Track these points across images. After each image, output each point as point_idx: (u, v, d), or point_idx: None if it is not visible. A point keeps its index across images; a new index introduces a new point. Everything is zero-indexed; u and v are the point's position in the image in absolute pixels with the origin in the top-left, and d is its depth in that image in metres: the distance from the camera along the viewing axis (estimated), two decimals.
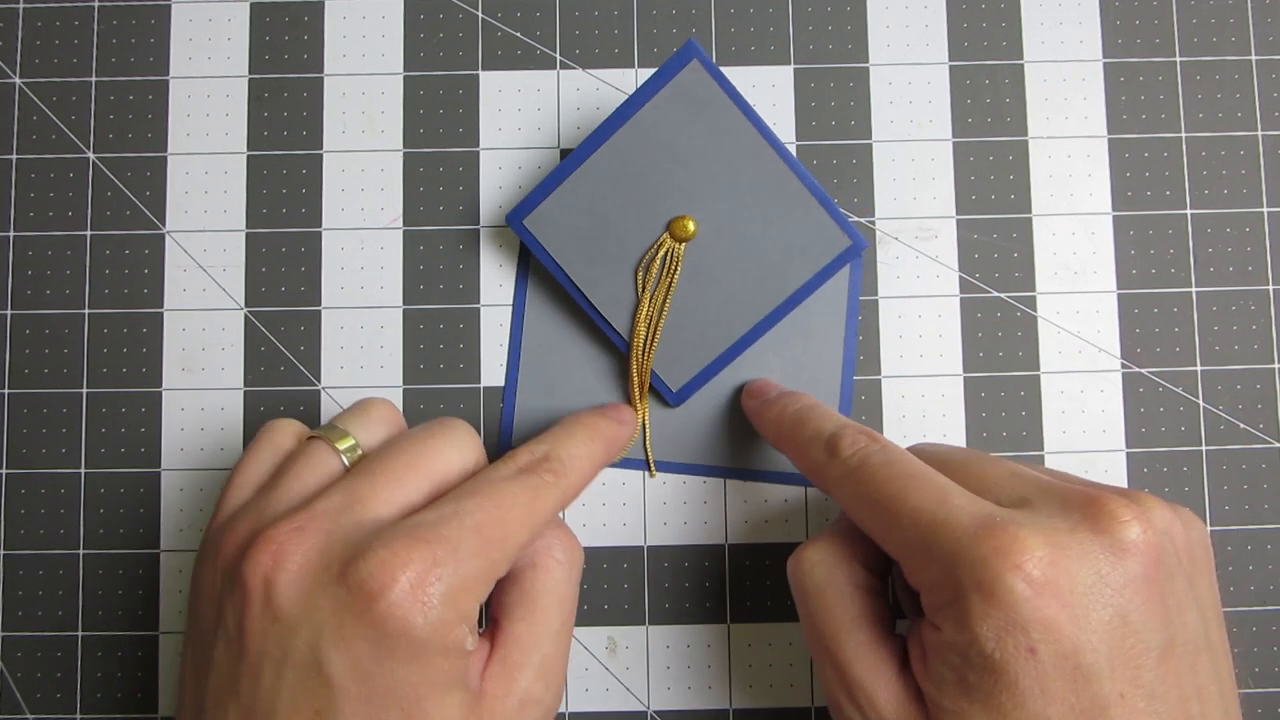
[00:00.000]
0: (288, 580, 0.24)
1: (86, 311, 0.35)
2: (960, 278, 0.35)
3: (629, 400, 0.34)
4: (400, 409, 0.34)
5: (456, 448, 0.28)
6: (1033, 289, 0.35)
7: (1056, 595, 0.22)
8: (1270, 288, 0.35)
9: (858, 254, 0.33)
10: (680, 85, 0.32)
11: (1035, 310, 0.35)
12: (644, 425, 0.34)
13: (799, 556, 0.28)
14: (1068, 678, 0.22)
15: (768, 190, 0.32)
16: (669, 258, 0.33)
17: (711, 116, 0.32)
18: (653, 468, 0.34)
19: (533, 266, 0.35)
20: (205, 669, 0.25)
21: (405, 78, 0.36)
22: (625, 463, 0.34)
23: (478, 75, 0.36)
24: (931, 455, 0.28)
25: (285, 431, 0.29)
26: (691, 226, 0.32)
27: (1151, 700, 0.22)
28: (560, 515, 0.34)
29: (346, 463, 0.28)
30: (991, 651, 0.22)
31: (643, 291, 0.33)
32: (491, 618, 0.27)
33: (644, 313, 0.33)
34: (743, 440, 0.34)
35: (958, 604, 0.23)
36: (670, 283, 0.33)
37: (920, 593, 0.25)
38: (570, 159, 0.32)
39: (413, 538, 0.24)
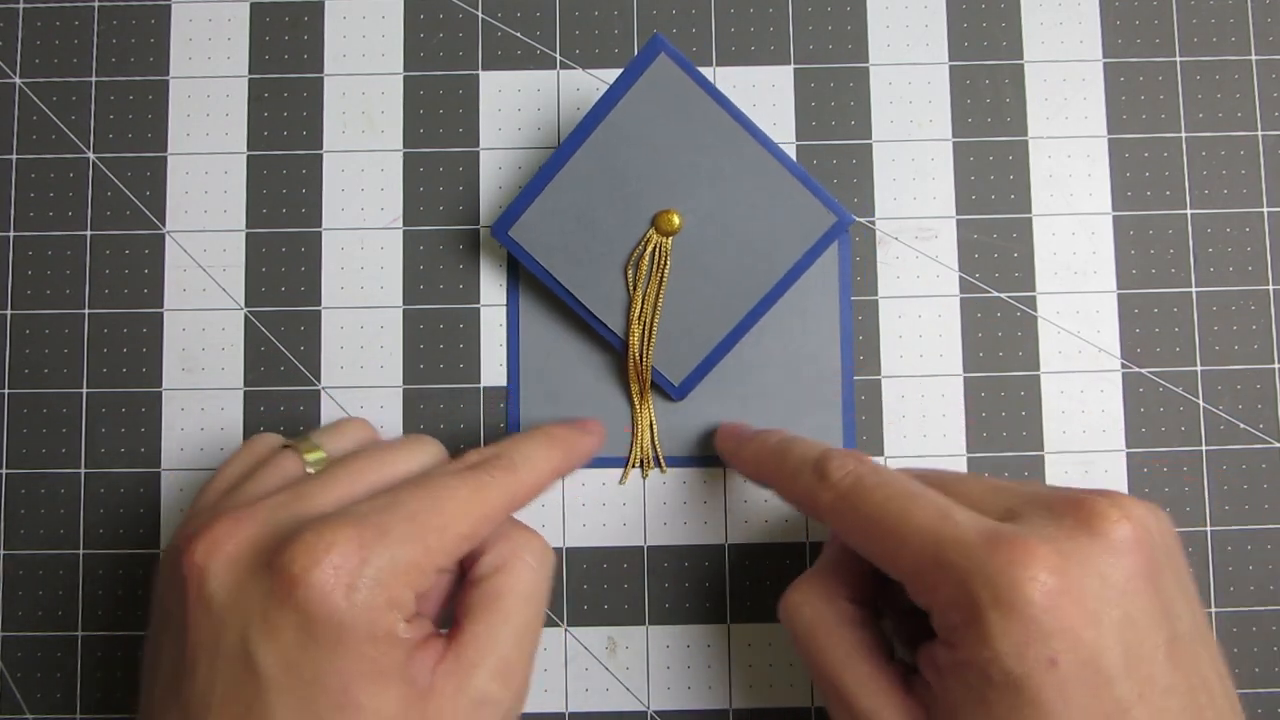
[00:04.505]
0: (220, 569, 0.24)
1: (86, 311, 0.35)
2: (960, 278, 0.35)
3: (631, 399, 0.34)
4: (400, 409, 0.34)
5: (418, 457, 0.29)
6: (1033, 289, 0.35)
7: (1072, 601, 0.22)
8: (1270, 288, 0.35)
9: (844, 229, 0.33)
10: (651, 80, 0.32)
11: (1035, 310, 0.35)
12: (651, 423, 0.34)
13: (785, 600, 0.28)
14: (1089, 685, 0.22)
15: (748, 175, 0.32)
16: (657, 253, 0.33)
17: (685, 108, 0.32)
18: (663, 464, 0.34)
19: (522, 274, 0.35)
20: (156, 668, 0.25)
21: (405, 78, 0.36)
22: (616, 462, 0.34)
23: (478, 75, 0.36)
24: (917, 475, 0.28)
25: (264, 443, 0.30)
26: (677, 220, 0.32)
27: (1167, 696, 0.22)
28: (547, 525, 0.34)
29: (310, 470, 0.28)
30: (1012, 668, 0.22)
31: (634, 289, 0.33)
32: (454, 618, 0.27)
33: (638, 310, 0.33)
34: None
35: (975, 623, 0.23)
36: (661, 278, 0.33)
37: (931, 613, 0.24)
38: (548, 165, 0.32)
39: (340, 521, 0.24)
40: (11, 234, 0.35)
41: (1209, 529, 0.34)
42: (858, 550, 0.26)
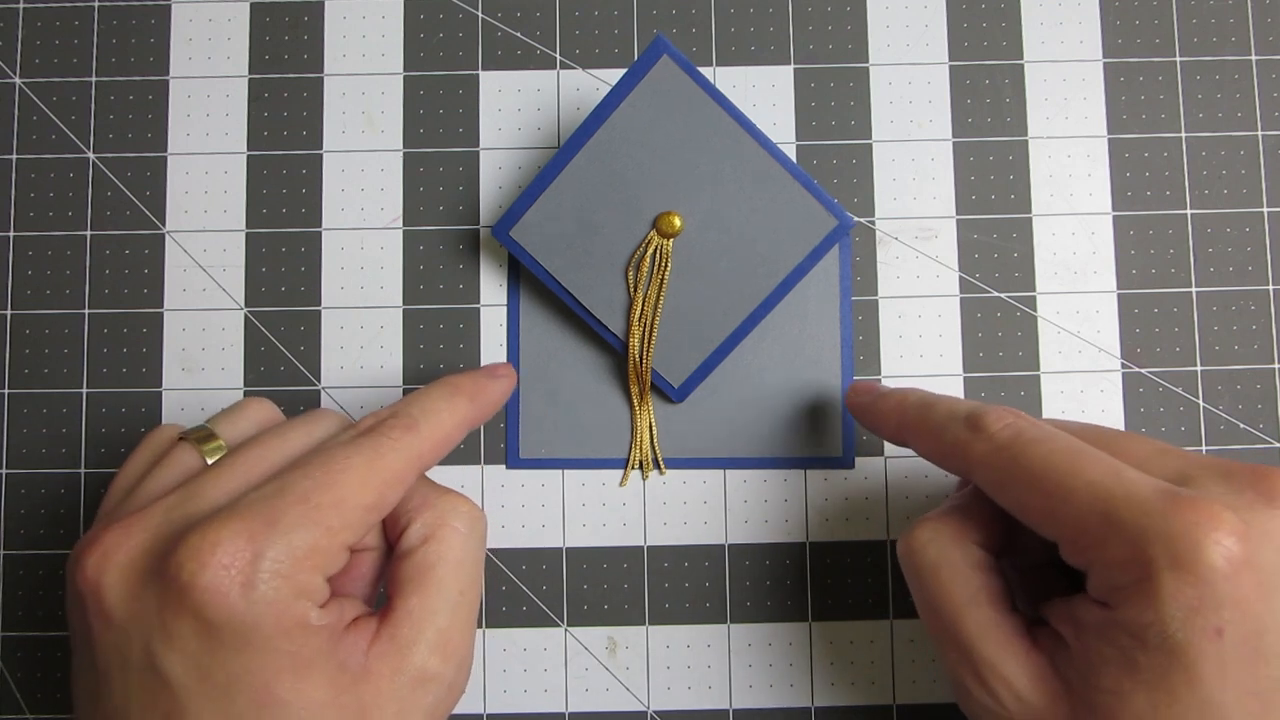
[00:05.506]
0: (114, 581, 0.23)
1: (86, 311, 0.35)
2: (960, 278, 0.35)
3: (631, 401, 0.34)
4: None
5: (315, 433, 0.27)
6: (1033, 289, 0.35)
7: (1251, 572, 0.21)
8: (1270, 288, 0.35)
9: (845, 232, 0.33)
10: (653, 82, 0.32)
11: (1035, 310, 0.35)
12: (650, 425, 0.34)
13: (909, 536, 0.27)
14: (1247, 660, 0.21)
15: (750, 178, 0.32)
16: (658, 255, 0.33)
17: (687, 110, 0.32)
18: (662, 465, 0.34)
19: (522, 275, 0.35)
20: (77, 683, 0.24)
21: (405, 78, 0.36)
22: (616, 463, 0.34)
23: (478, 75, 0.36)
24: (1073, 432, 0.26)
25: (163, 435, 0.28)
26: (678, 222, 0.32)
27: None
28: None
29: (209, 462, 0.26)
30: (1174, 632, 0.21)
31: (635, 291, 0.33)
32: (386, 595, 0.26)
33: (638, 312, 0.33)
34: (750, 430, 0.34)
35: (1145, 581, 0.22)
36: (662, 280, 0.33)
37: (1090, 570, 0.23)
38: (550, 166, 0.32)
39: (224, 518, 0.22)
40: (11, 234, 0.35)
41: None
42: (1009, 505, 0.25)
